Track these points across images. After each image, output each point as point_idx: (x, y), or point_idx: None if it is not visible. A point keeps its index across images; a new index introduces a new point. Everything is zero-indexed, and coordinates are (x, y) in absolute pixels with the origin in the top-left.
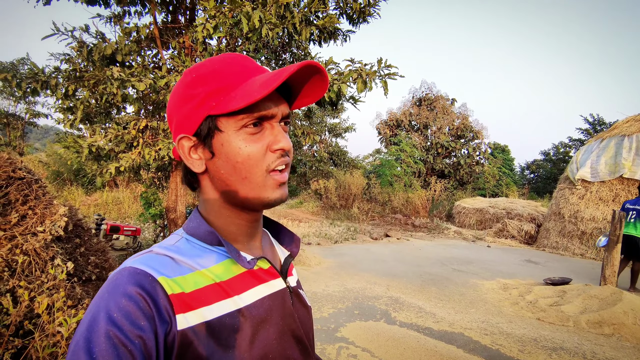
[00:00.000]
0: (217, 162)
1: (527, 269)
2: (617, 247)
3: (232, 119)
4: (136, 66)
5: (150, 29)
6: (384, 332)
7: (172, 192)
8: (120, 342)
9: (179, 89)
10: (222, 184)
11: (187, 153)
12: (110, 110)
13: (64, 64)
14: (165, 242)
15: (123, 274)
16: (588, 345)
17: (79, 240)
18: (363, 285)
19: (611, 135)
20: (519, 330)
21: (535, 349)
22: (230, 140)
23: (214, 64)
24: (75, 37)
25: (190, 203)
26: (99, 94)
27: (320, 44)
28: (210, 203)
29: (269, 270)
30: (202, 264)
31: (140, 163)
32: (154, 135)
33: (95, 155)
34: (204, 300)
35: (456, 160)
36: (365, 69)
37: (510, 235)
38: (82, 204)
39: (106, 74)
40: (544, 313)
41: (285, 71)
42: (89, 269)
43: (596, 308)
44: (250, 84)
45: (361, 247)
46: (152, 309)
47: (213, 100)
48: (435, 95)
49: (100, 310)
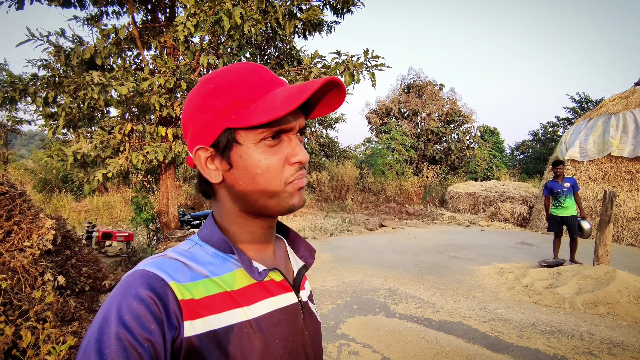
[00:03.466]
0: (235, 174)
1: (521, 251)
2: (609, 226)
3: (251, 132)
4: (117, 69)
5: (130, 30)
6: (383, 326)
7: (163, 196)
8: (130, 345)
9: (195, 98)
10: (239, 194)
11: (204, 164)
12: (94, 115)
13: (42, 70)
14: (180, 247)
15: (135, 276)
16: (585, 326)
17: (69, 252)
18: (361, 279)
19: (598, 114)
20: (517, 316)
21: (533, 334)
22: (249, 152)
23: (232, 75)
24: (51, 42)
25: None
26: (80, 100)
27: (305, 36)
28: (225, 210)
29: (281, 283)
30: (214, 272)
31: (128, 168)
32: (141, 139)
33: (81, 163)
34: (213, 308)
35: (447, 145)
36: (352, 61)
37: (504, 218)
38: (72, 210)
39: (86, 79)
40: (540, 296)
41: (308, 88)
42: (82, 280)
43: (591, 288)
44: (271, 97)
45: (357, 239)
46: (162, 313)
47: (232, 113)
48: (423, 82)
49: (111, 312)
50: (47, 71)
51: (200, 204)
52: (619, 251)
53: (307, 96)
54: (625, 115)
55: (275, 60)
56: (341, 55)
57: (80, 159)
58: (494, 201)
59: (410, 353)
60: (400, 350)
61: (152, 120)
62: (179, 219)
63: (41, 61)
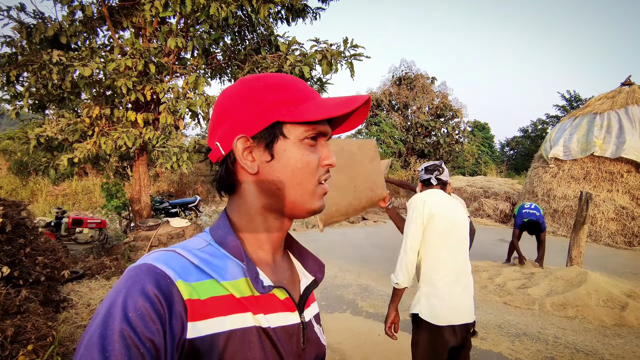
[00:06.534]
0: (275, 166)
1: (500, 249)
2: (583, 228)
3: (298, 128)
4: (83, 49)
5: (99, 8)
6: (349, 325)
7: (136, 183)
8: (133, 344)
9: (240, 92)
10: (272, 187)
11: (242, 154)
12: (64, 97)
13: (4, 47)
14: (191, 245)
15: (142, 270)
16: (551, 329)
17: (23, 240)
18: (334, 273)
19: (584, 113)
20: (485, 316)
21: (498, 336)
22: (294, 147)
23: (280, 78)
24: (12, 17)
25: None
26: (44, 80)
27: (288, 22)
28: (247, 207)
29: (284, 302)
30: (223, 275)
31: (97, 153)
32: (111, 124)
33: (45, 146)
34: (218, 310)
35: (436, 139)
36: (331, 49)
37: (486, 215)
38: (49, 194)
39: (43, 58)
40: (510, 296)
41: (358, 98)
42: (37, 269)
43: (562, 290)
44: (320, 101)
45: (337, 232)
46: (165, 313)
47: (284, 108)
48: (415, 74)
49: (116, 307)
50: (11, 48)
51: (183, 191)
52: (595, 251)
53: (358, 104)
54: (610, 116)
55: (255, 45)
56: (320, 43)
57: (45, 142)
58: (478, 197)
59: (369, 352)
60: (359, 350)
61: (122, 105)
62: (155, 207)
63: (4, 37)
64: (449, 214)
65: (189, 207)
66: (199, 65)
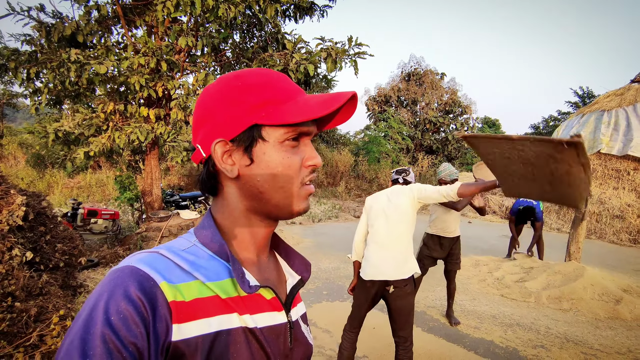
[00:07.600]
0: (255, 170)
1: (502, 244)
2: (582, 224)
3: (278, 130)
4: (99, 47)
5: (114, 8)
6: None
7: (147, 176)
8: (115, 348)
9: (219, 93)
10: (254, 191)
11: (221, 158)
12: (79, 93)
13: (25, 45)
14: (175, 246)
15: (125, 273)
16: (544, 320)
17: (43, 228)
18: (337, 265)
19: (591, 110)
20: (480, 308)
21: (491, 326)
22: (273, 150)
23: (260, 77)
24: (32, 17)
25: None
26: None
27: (296, 20)
28: (230, 209)
29: (271, 302)
30: (208, 276)
31: (111, 147)
32: (124, 119)
33: (63, 140)
34: (204, 311)
35: (445, 135)
36: (336, 48)
37: (492, 211)
38: (65, 187)
39: (62, 56)
40: (508, 289)
41: (342, 96)
42: (57, 256)
43: (558, 284)
44: (302, 101)
45: (342, 226)
46: (149, 316)
47: (263, 110)
48: (424, 70)
49: (98, 310)
50: (31, 46)
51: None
52: (599, 248)
53: (341, 103)
54: (618, 113)
55: (263, 43)
56: (325, 41)
57: (62, 136)
58: (485, 193)
59: (366, 341)
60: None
61: (135, 101)
62: (166, 199)
63: (24, 36)
64: (380, 205)
65: (199, 200)
66: (208, 63)
